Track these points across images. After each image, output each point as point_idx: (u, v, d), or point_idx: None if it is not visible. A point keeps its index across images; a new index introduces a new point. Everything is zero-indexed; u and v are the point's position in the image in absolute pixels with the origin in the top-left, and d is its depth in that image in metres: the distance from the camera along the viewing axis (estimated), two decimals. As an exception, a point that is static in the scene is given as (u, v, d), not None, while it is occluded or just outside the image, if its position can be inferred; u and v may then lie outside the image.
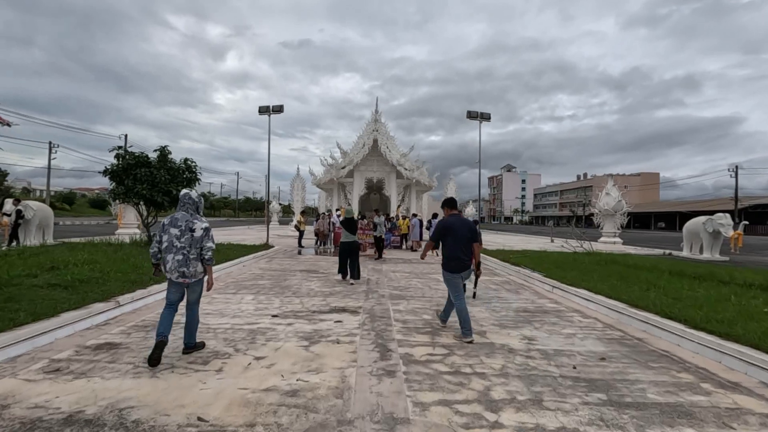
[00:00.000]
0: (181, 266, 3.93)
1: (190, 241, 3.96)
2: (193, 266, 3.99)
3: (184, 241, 3.95)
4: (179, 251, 3.93)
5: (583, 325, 5.54)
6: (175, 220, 4.01)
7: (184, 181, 11.47)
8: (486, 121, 16.79)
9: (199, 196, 4.26)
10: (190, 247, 3.96)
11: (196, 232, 3.99)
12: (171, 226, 3.98)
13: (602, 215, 18.66)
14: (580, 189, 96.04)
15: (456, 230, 4.96)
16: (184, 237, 3.96)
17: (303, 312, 5.90)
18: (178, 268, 3.94)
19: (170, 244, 3.95)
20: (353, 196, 29.42)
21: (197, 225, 4.01)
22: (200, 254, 4.02)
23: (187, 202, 4.11)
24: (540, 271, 9.55)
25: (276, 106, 16.23)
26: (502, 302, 6.94)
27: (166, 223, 4.01)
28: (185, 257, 3.94)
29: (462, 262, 4.94)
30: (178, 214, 4.08)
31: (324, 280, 8.75)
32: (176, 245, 3.94)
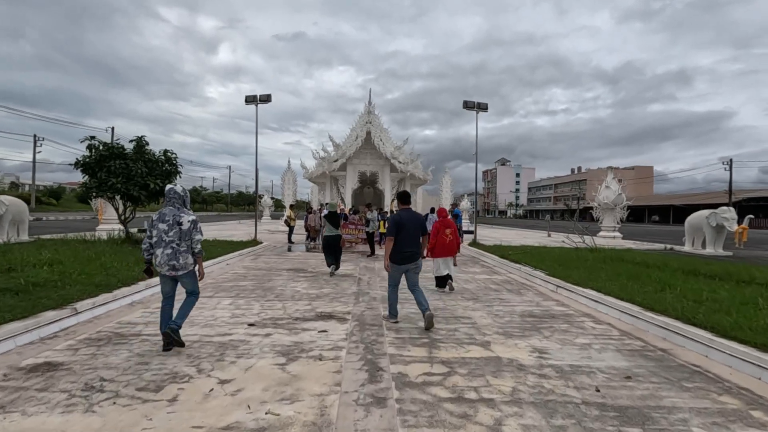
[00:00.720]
0: (170, 260, 4.04)
1: (179, 235, 4.07)
2: (183, 258, 4.09)
3: (173, 235, 4.05)
4: (168, 245, 4.04)
5: (598, 333, 4.96)
6: (163, 215, 4.12)
7: (163, 173, 10.73)
8: (483, 111, 16.14)
9: (184, 190, 4.32)
10: (180, 240, 4.07)
11: (183, 225, 4.09)
12: (159, 221, 4.10)
13: (602, 209, 18.17)
14: (574, 183, 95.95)
15: (407, 224, 5.16)
16: (172, 231, 4.06)
17: (284, 319, 5.26)
18: (167, 262, 4.04)
19: (159, 238, 4.06)
20: (346, 189, 28.73)
21: (184, 218, 4.12)
22: (190, 246, 4.14)
23: (173, 197, 4.20)
24: (542, 269, 8.98)
25: (263, 95, 15.46)
26: (505, 305, 6.34)
27: (154, 219, 4.13)
28: (174, 251, 4.05)
29: (410, 255, 5.17)
30: (165, 209, 4.17)
31: (312, 281, 8.11)
32: (165, 239, 4.04)
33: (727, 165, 52.11)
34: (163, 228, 4.06)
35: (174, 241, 4.05)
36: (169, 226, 4.07)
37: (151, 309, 5.66)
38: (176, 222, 4.09)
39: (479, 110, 16.17)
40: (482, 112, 16.28)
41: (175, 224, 4.08)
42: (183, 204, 4.27)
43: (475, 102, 16.06)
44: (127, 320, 5.09)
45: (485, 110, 16.21)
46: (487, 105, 16.19)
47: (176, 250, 4.05)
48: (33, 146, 55.79)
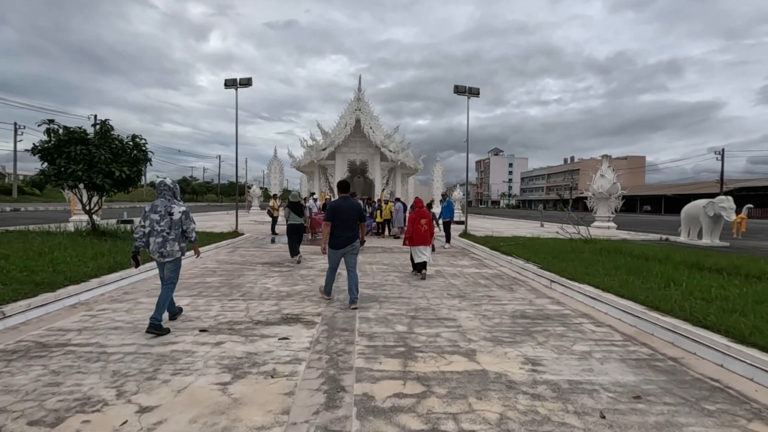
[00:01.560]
0: (160, 247, 4.33)
1: (170, 224, 4.36)
2: (170, 246, 4.37)
3: (164, 225, 4.34)
4: (159, 234, 4.33)
5: (598, 338, 4.38)
6: (155, 206, 4.39)
7: (130, 160, 9.95)
8: (474, 96, 15.44)
9: (174, 182, 4.61)
10: (170, 229, 4.36)
11: (174, 215, 4.37)
12: (152, 213, 4.37)
13: (596, 198, 17.67)
14: (567, 172, 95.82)
15: (343, 212, 5.48)
16: (163, 221, 4.34)
17: (244, 323, 4.62)
18: (158, 249, 4.33)
19: (152, 228, 4.34)
20: (335, 179, 27.94)
21: (175, 209, 4.40)
22: (184, 235, 4.47)
23: (163, 189, 4.49)
24: (535, 262, 8.41)
25: (243, 79, 14.62)
26: (494, 303, 5.76)
27: (147, 210, 4.40)
28: (164, 239, 4.34)
29: (345, 239, 5.49)
30: (157, 201, 4.44)
31: (286, 276, 7.47)
32: (157, 229, 4.32)
33: (718, 155, 52.02)
34: (156, 218, 4.35)
35: (165, 230, 4.34)
36: (161, 216, 4.35)
37: (95, 311, 4.99)
38: (167, 213, 4.37)
39: (470, 95, 15.48)
40: (473, 97, 15.59)
41: (167, 215, 4.36)
42: (173, 195, 4.55)
43: (466, 87, 15.36)
44: (60, 326, 4.42)
45: (477, 95, 15.52)
46: (479, 90, 15.50)
47: (166, 238, 4.35)
48: (14, 135, 54.11)
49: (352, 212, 5.54)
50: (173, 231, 4.37)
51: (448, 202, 13.32)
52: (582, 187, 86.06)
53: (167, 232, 4.34)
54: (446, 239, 12.78)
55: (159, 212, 4.34)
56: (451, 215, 12.83)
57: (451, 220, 13.02)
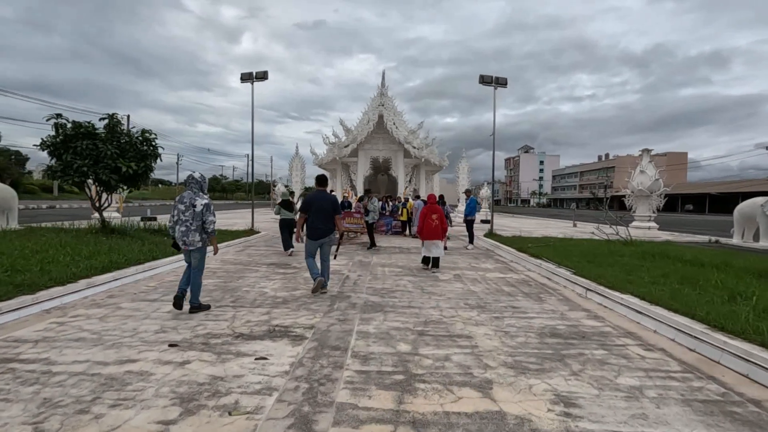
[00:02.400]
0: (183, 236, 4.70)
1: (192, 215, 4.68)
2: (192, 236, 4.70)
3: (188, 215, 4.69)
4: (183, 223, 4.70)
5: (649, 367, 3.51)
6: (182, 198, 4.75)
7: (138, 155, 9.63)
8: (502, 86, 14.44)
9: (202, 176, 4.92)
10: (192, 220, 4.68)
11: (197, 207, 4.69)
12: (179, 203, 4.74)
13: (635, 196, 16.28)
14: (601, 170, 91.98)
15: (317, 204, 5.80)
16: (188, 212, 4.69)
17: (222, 337, 4.01)
18: (181, 237, 4.71)
19: (178, 218, 4.72)
20: (358, 176, 27.38)
21: (198, 201, 4.71)
22: (203, 227, 4.73)
23: (191, 182, 4.83)
24: (568, 267, 7.47)
25: (259, 72, 14.21)
26: (519, 317, 4.92)
27: (176, 201, 4.77)
28: (187, 228, 4.70)
29: (320, 231, 5.80)
30: (185, 193, 4.80)
31: (289, 279, 6.86)
32: (182, 218, 4.70)
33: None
34: (181, 209, 4.72)
35: (188, 220, 4.70)
36: (186, 207, 4.71)
37: (66, 318, 4.50)
38: (191, 204, 4.71)
39: (497, 86, 14.49)
40: (501, 88, 14.59)
41: (191, 206, 4.70)
42: (200, 189, 4.87)
43: (492, 77, 14.38)
44: (19, 336, 3.93)
45: (504, 86, 14.52)
46: (507, 80, 14.49)
47: (189, 228, 4.70)
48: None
49: (326, 205, 5.83)
50: (195, 222, 4.70)
51: (472, 199, 12.40)
52: (618, 185, 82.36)
53: (190, 222, 4.69)
54: (469, 239, 11.90)
55: (185, 203, 4.73)
56: (473, 214, 11.92)
57: (474, 219, 12.11)
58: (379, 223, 15.94)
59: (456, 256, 10.12)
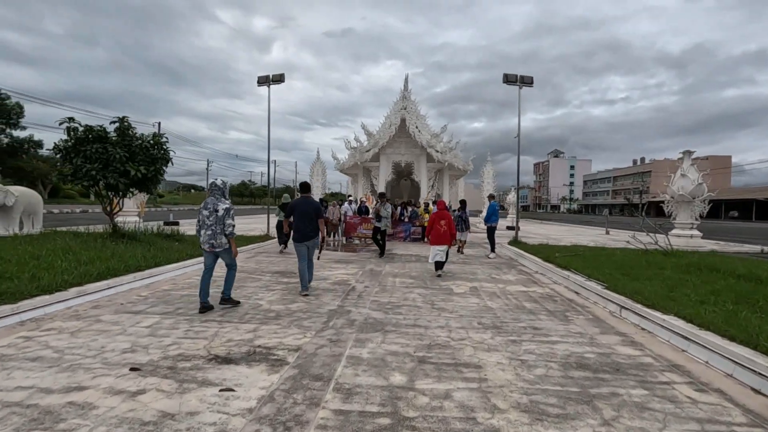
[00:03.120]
0: (210, 239, 5.06)
1: (215, 219, 5.03)
2: (219, 239, 5.07)
3: (212, 220, 5.04)
4: (209, 228, 5.05)
5: (704, 416, 2.78)
6: (206, 203, 5.11)
7: (147, 159, 9.46)
8: (527, 86, 13.64)
9: (224, 182, 5.27)
10: (216, 224, 5.04)
11: (219, 212, 5.03)
12: (203, 209, 5.10)
13: (675, 202, 15.03)
14: (636, 175, 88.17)
15: (300, 209, 6.14)
16: (212, 216, 5.04)
17: (195, 358, 3.54)
18: (208, 241, 5.07)
19: (203, 222, 5.08)
20: (379, 181, 26.91)
21: (220, 206, 5.05)
22: (223, 229, 5.04)
23: (214, 189, 5.19)
24: (599, 280, 6.67)
25: (276, 75, 13.99)
26: (540, 340, 4.24)
27: (201, 207, 5.14)
28: (213, 232, 5.05)
29: (304, 234, 6.12)
30: (208, 198, 5.17)
31: (290, 290, 6.38)
32: (207, 223, 5.05)
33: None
34: (206, 214, 5.06)
35: (213, 224, 5.03)
36: (209, 212, 5.05)
37: (38, 332, 4.16)
38: (215, 209, 5.04)
39: (522, 85, 13.71)
40: (529, 89, 13.80)
41: (214, 211, 5.04)
42: (222, 194, 5.20)
43: (517, 75, 13.62)
44: (-25, 353, 3.59)
45: (530, 85, 13.72)
46: (532, 79, 13.69)
47: (214, 231, 5.03)
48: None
49: (309, 210, 6.20)
50: (218, 225, 5.04)
51: (492, 205, 11.63)
52: (655, 190, 78.69)
53: (214, 226, 5.03)
54: (491, 248, 11.14)
55: (209, 208, 5.07)
56: (494, 220, 11.16)
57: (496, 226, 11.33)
58: (397, 229, 15.41)
59: (476, 266, 9.42)
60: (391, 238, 15.28)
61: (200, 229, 5.10)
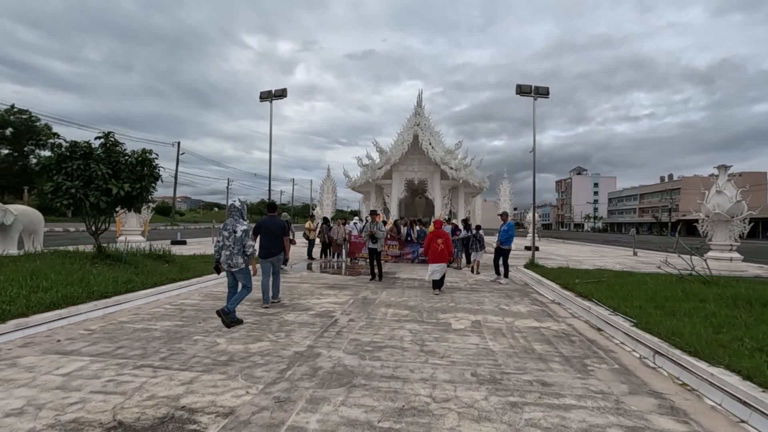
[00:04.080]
0: (228, 259, 5.34)
1: (234, 240, 5.33)
2: (236, 259, 5.34)
3: (231, 241, 5.34)
4: (227, 248, 5.34)
5: None
6: (226, 224, 5.45)
7: (133, 177, 8.95)
8: (543, 96, 12.75)
9: (242, 203, 5.69)
10: (234, 245, 5.33)
11: (237, 233, 5.35)
12: (223, 230, 5.43)
13: (711, 221, 13.64)
14: (664, 192, 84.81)
15: (266, 227, 6.64)
16: (231, 237, 5.34)
17: (88, 427, 2.73)
18: (226, 261, 5.35)
19: (223, 243, 5.37)
20: (392, 199, 26.09)
21: (238, 227, 5.37)
22: (243, 250, 5.37)
23: (233, 210, 5.55)
24: (627, 315, 5.61)
25: (278, 90, 13.57)
26: (549, 404, 3.26)
27: (221, 228, 5.49)
28: (231, 253, 5.33)
29: (270, 251, 6.56)
30: (227, 220, 5.51)
31: (260, 326, 5.54)
32: (226, 244, 5.35)
33: None
34: (225, 234, 5.35)
35: (231, 245, 5.31)
36: (228, 233, 5.34)
37: None
38: (233, 230, 5.34)
39: (538, 96, 12.83)
40: (543, 98, 12.91)
41: (233, 232, 5.33)
42: (240, 216, 5.48)
43: (531, 86, 12.76)
44: None
45: (546, 96, 12.84)
46: (548, 89, 12.81)
47: (232, 252, 5.31)
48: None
49: (275, 228, 6.55)
50: (236, 246, 5.28)
51: (509, 224, 10.53)
52: (685, 208, 75.34)
53: (232, 247, 5.27)
54: (504, 272, 10.09)
55: (228, 230, 5.33)
56: (509, 241, 10.12)
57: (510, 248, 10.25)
58: (405, 251, 14.51)
59: (485, 293, 8.42)
60: (398, 259, 14.38)
61: (220, 249, 5.35)
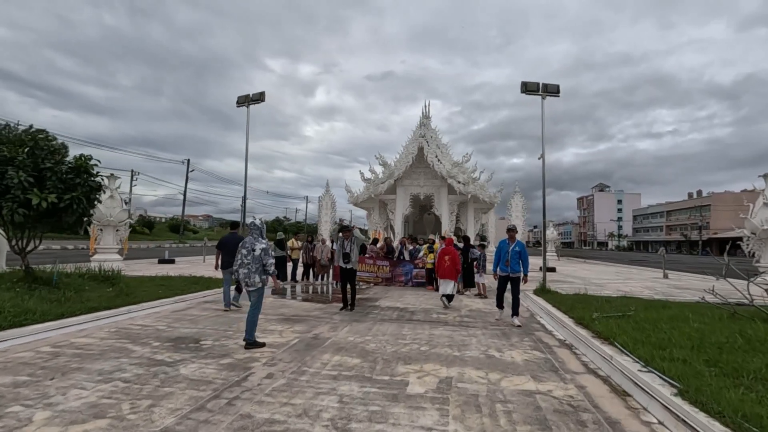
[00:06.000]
0: (245, 277, 5.30)
1: (252, 258, 5.29)
2: (253, 278, 5.28)
3: (249, 259, 5.30)
4: (245, 266, 5.30)
5: None
6: (245, 243, 5.46)
7: (63, 186, 7.64)
8: (553, 95, 11.09)
9: (262, 222, 5.88)
10: (252, 263, 5.28)
11: (256, 251, 5.32)
12: (242, 248, 5.41)
13: (758, 239, 11.53)
14: (693, 209, 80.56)
15: (227, 244, 7.65)
16: (249, 255, 5.32)
17: None
18: (244, 279, 5.33)
19: (241, 261, 5.34)
20: (396, 215, 24.44)
21: (257, 246, 5.36)
22: (263, 268, 5.34)
23: (252, 229, 5.57)
24: (666, 374, 3.82)
25: (255, 94, 12.32)
26: None
27: (240, 246, 5.50)
28: (249, 271, 5.28)
29: (229, 263, 7.08)
30: (246, 238, 5.57)
31: (127, 391, 3.98)
32: (245, 262, 5.32)
33: None
34: (244, 253, 5.37)
35: (250, 263, 5.29)
36: (247, 251, 5.36)
37: None
38: (252, 249, 5.35)
39: (546, 95, 11.17)
40: (551, 96, 11.24)
41: (251, 250, 5.34)
42: (260, 234, 5.55)
43: (538, 84, 11.13)
44: None
45: (556, 94, 11.16)
46: (558, 87, 11.15)
47: (250, 270, 5.28)
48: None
49: (235, 243, 6.94)
50: (254, 264, 5.28)
51: (519, 244, 7.36)
52: (715, 225, 71.02)
53: (251, 265, 5.27)
54: (513, 309, 7.25)
55: (247, 248, 5.37)
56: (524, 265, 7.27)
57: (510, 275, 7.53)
58: (396, 271, 12.79)
59: (475, 329, 6.66)
60: (390, 282, 12.67)
61: (239, 267, 5.29)
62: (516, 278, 7.25)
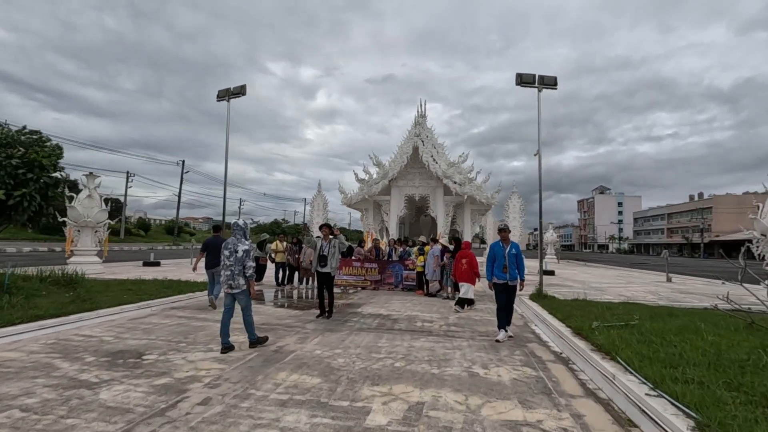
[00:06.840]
0: (228, 279, 5.10)
1: (235, 260, 5.08)
2: (236, 280, 5.09)
3: (232, 260, 5.09)
4: (228, 268, 5.10)
5: None
6: (227, 244, 5.22)
7: (11, 181, 6.99)
8: (550, 87, 10.44)
9: (245, 222, 5.35)
10: (235, 265, 5.08)
11: (239, 253, 5.09)
12: (225, 249, 5.18)
13: (768, 241, 10.87)
14: (695, 211, 79.85)
15: (210, 246, 7.83)
16: (232, 257, 5.10)
17: None
18: (227, 281, 5.11)
19: (224, 263, 5.14)
20: (390, 217, 23.76)
21: (240, 247, 5.11)
22: (242, 270, 5.09)
23: (236, 229, 5.27)
24: (677, 398, 3.13)
25: (236, 87, 11.69)
26: None
27: (222, 247, 5.25)
28: (231, 273, 5.08)
29: (211, 263, 7.70)
30: (229, 239, 5.27)
31: (26, 422, 3.31)
32: (227, 263, 5.12)
33: None
34: (227, 254, 5.14)
35: (232, 265, 5.08)
36: (230, 252, 5.12)
37: None
38: (234, 250, 5.10)
39: (543, 87, 10.52)
40: (548, 89, 10.59)
41: (234, 252, 5.10)
42: (243, 235, 5.26)
43: (535, 75, 10.48)
44: None
45: (553, 87, 10.52)
46: (555, 79, 10.50)
47: (233, 272, 5.08)
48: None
49: (217, 245, 6.77)
50: (237, 266, 5.06)
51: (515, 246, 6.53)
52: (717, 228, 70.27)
53: (234, 267, 5.06)
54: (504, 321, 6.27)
55: (230, 249, 5.13)
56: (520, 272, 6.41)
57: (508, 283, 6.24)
58: (386, 273, 12.11)
59: (463, 340, 5.98)
60: (379, 284, 11.98)
61: (222, 270, 5.14)
62: (514, 286, 6.38)
